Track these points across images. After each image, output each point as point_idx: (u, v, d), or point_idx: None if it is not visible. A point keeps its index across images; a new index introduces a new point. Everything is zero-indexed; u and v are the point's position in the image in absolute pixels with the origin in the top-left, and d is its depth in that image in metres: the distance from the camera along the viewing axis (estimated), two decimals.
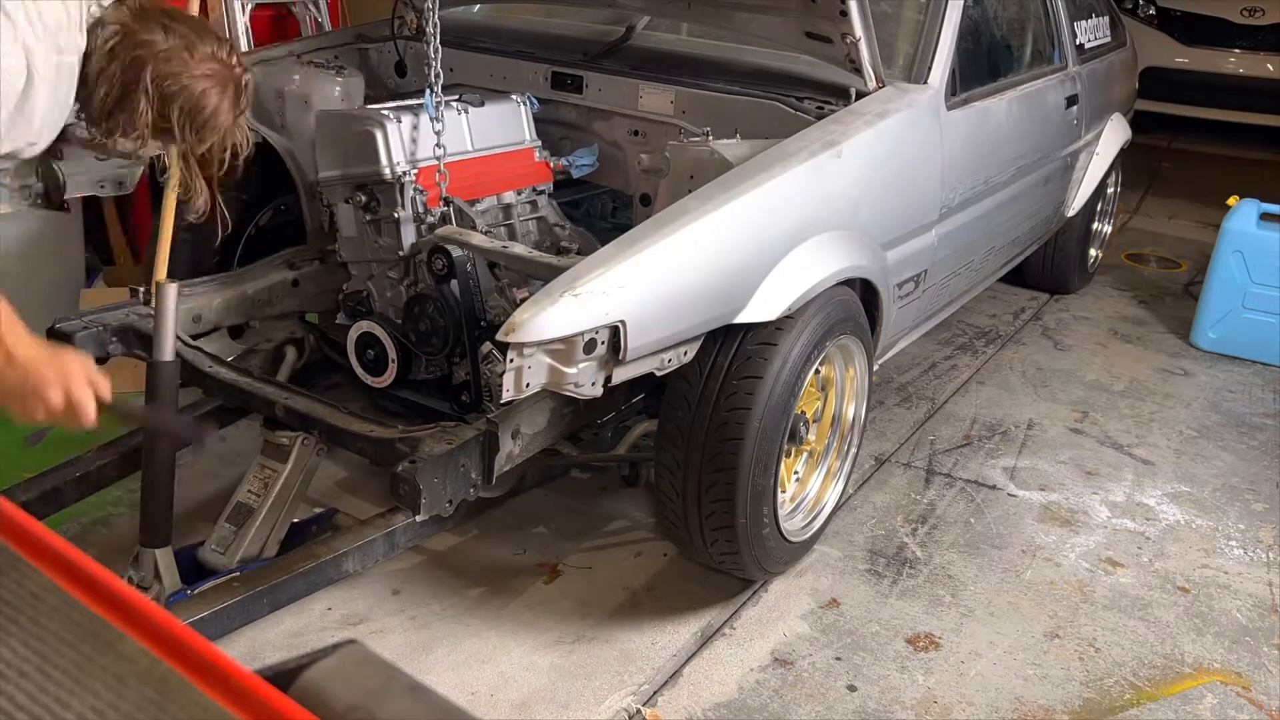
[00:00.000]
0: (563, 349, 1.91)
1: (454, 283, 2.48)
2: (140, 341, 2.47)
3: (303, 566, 2.10)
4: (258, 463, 2.37)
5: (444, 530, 2.51)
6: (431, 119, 2.59)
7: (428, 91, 2.60)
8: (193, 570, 2.27)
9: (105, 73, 1.72)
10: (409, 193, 2.58)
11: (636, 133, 2.95)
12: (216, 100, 1.79)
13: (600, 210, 3.40)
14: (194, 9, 2.71)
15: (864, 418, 2.73)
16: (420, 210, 2.61)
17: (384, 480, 2.09)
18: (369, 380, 2.64)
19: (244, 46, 4.58)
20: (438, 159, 2.59)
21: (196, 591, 2.12)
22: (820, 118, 2.54)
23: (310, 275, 2.96)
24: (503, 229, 2.78)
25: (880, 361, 2.93)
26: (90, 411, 1.52)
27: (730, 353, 2.21)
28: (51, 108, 1.69)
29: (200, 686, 0.48)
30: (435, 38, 2.60)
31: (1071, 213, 4.20)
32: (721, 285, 2.12)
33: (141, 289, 2.59)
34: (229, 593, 2.02)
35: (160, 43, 1.74)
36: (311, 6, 5.02)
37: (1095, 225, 4.68)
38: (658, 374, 2.16)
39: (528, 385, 1.92)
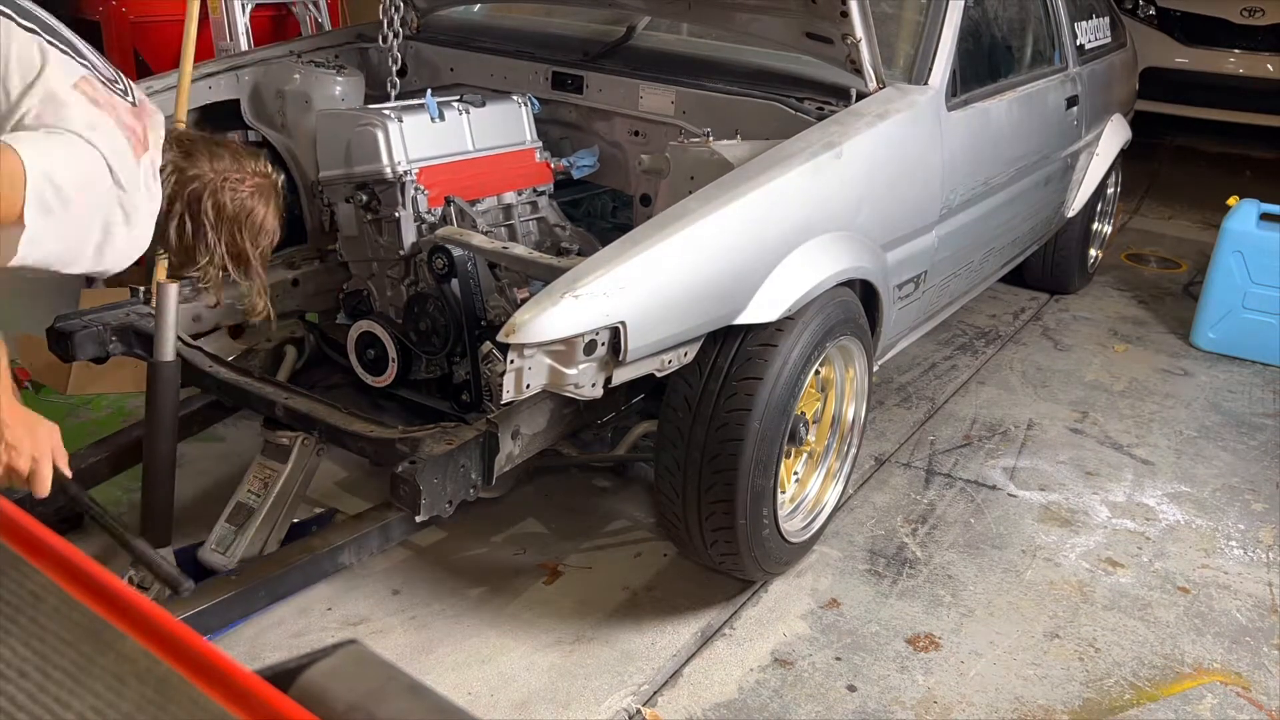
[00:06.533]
0: (563, 350, 1.91)
1: (454, 282, 2.48)
2: (140, 341, 2.47)
3: (299, 560, 2.12)
4: (258, 463, 2.37)
5: (438, 525, 2.51)
6: (433, 118, 2.60)
7: (428, 91, 2.63)
8: (193, 570, 2.27)
9: (170, 213, 1.86)
10: (410, 192, 2.58)
11: (637, 133, 2.95)
12: (264, 210, 1.97)
13: (600, 210, 3.40)
14: (194, 11, 2.71)
15: (864, 418, 2.73)
16: (421, 210, 2.61)
17: (384, 480, 2.09)
18: (369, 380, 2.64)
19: (244, 46, 4.60)
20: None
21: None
22: (821, 119, 2.54)
23: (310, 275, 2.96)
24: (503, 229, 2.79)
25: (880, 362, 2.93)
26: (46, 486, 1.59)
27: (730, 354, 2.21)
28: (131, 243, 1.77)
29: (200, 686, 0.48)
30: (396, 38, 2.93)
31: (1071, 213, 4.20)
32: (722, 286, 2.12)
33: (141, 289, 2.59)
34: (227, 586, 2.03)
35: (209, 173, 1.90)
36: (311, 6, 5.02)
37: (1095, 226, 4.68)
38: (658, 375, 2.16)
39: (528, 386, 1.92)
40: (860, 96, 2.62)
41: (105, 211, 1.63)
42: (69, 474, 1.65)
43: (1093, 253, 4.78)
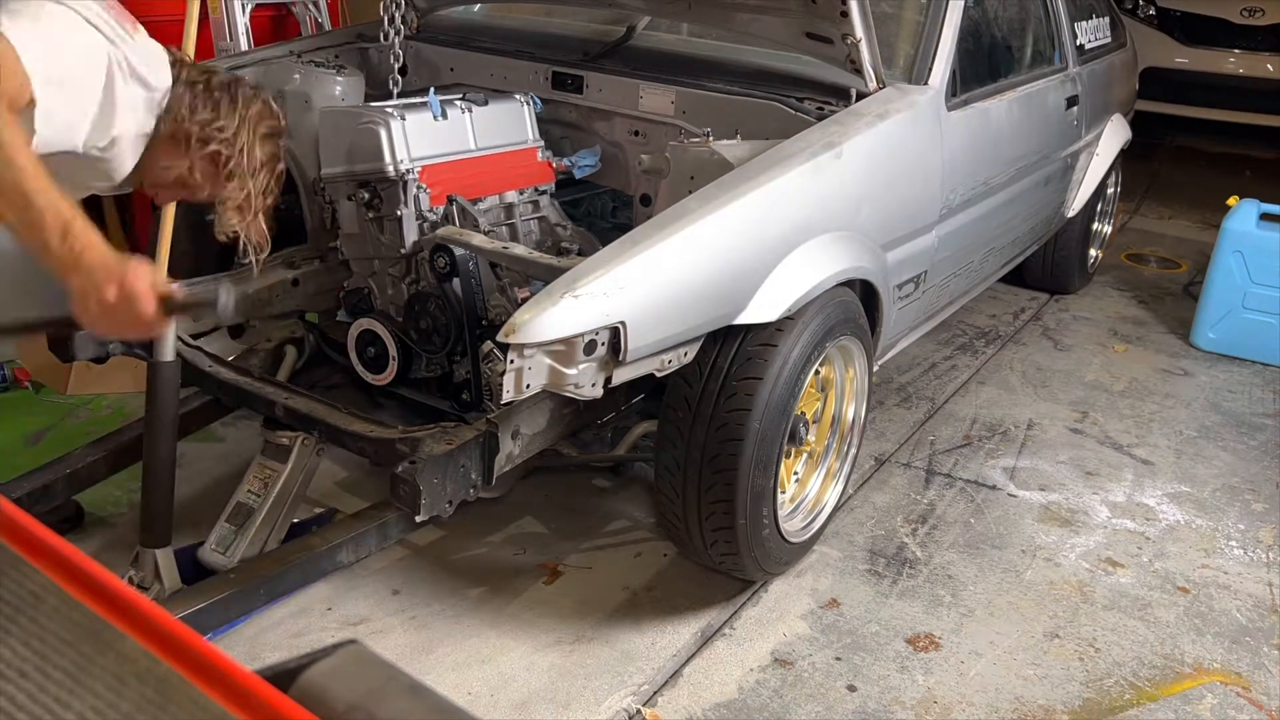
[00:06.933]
0: (563, 350, 1.91)
1: (455, 281, 2.48)
2: (140, 341, 2.47)
3: (297, 558, 2.12)
4: (258, 463, 2.37)
5: (437, 524, 2.51)
6: (436, 116, 2.61)
7: (430, 89, 2.63)
8: (193, 570, 2.28)
9: (172, 147, 1.83)
10: (411, 190, 2.58)
11: (637, 133, 2.95)
12: (273, 150, 1.95)
13: (600, 210, 3.40)
14: (194, 11, 2.70)
15: (864, 418, 2.73)
16: (423, 208, 2.61)
17: (384, 480, 2.09)
18: (369, 378, 2.64)
19: (244, 46, 4.59)
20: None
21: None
22: (821, 118, 2.54)
23: (310, 275, 2.96)
24: (504, 228, 2.79)
25: (880, 362, 2.93)
26: (148, 305, 1.53)
27: (730, 354, 2.21)
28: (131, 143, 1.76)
29: (200, 686, 0.48)
30: (397, 35, 2.99)
31: (1071, 213, 4.20)
32: (722, 286, 2.12)
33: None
34: (226, 584, 2.04)
35: (221, 117, 1.86)
36: (311, 6, 5.02)
37: (1095, 226, 4.68)
38: (658, 375, 2.16)
39: (528, 386, 1.92)
40: (860, 96, 2.62)
41: (105, 68, 1.64)
42: (168, 291, 1.58)
43: (1093, 253, 4.78)
